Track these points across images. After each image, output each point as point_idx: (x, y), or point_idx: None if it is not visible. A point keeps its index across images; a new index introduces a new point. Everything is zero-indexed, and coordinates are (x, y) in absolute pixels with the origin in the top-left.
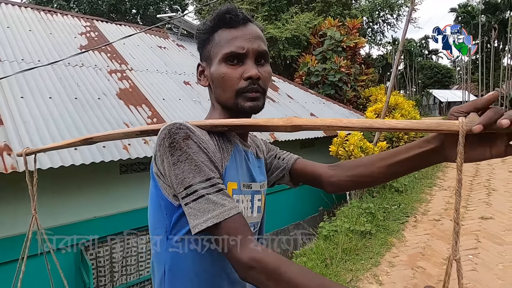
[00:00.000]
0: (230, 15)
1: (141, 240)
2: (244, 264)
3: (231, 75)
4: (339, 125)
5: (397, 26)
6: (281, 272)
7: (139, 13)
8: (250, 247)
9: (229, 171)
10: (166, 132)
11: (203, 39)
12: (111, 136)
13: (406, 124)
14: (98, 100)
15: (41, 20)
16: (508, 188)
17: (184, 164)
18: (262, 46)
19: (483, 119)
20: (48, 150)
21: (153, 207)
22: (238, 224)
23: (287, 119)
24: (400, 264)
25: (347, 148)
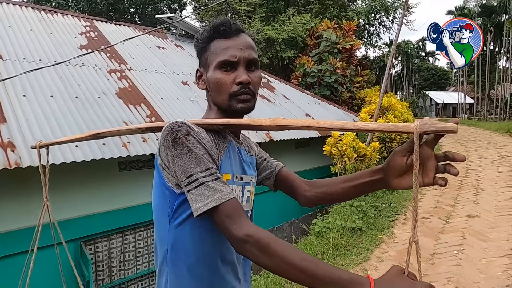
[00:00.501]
0: (224, 27)
1: (139, 236)
2: (240, 239)
3: (225, 80)
4: (316, 125)
5: (393, 29)
6: (271, 246)
7: (137, 12)
8: (244, 225)
9: (224, 164)
10: (169, 129)
11: (201, 48)
12: (120, 132)
13: (372, 126)
14: (98, 99)
15: (42, 20)
16: (495, 188)
17: (186, 157)
18: (252, 55)
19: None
20: (60, 143)
21: (158, 195)
22: (234, 207)
23: (273, 120)
24: (389, 259)
25: (340, 148)
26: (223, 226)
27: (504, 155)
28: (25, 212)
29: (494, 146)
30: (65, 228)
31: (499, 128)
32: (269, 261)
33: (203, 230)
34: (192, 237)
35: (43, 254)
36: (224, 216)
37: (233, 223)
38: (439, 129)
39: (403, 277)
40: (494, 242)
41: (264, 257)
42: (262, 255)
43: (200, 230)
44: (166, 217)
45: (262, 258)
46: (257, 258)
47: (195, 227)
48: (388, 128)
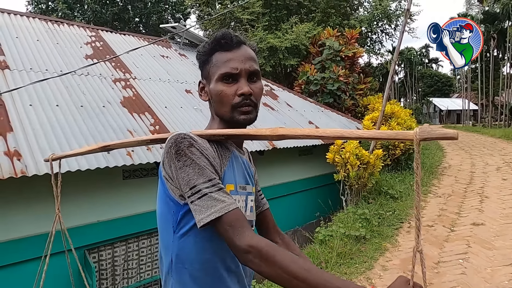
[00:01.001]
0: (225, 40)
1: (142, 244)
2: (242, 250)
3: (227, 92)
4: (315, 134)
5: (395, 36)
6: (273, 256)
7: (142, 22)
8: (247, 235)
9: (227, 174)
10: (173, 141)
11: (203, 60)
12: (126, 144)
13: (371, 134)
14: (103, 108)
15: (48, 30)
16: (500, 196)
17: (189, 168)
18: (253, 66)
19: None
20: (71, 156)
21: (162, 205)
22: (237, 217)
23: (273, 130)
24: (393, 268)
25: (343, 155)
26: (226, 236)
27: (509, 162)
28: (33, 219)
29: (499, 153)
30: (69, 236)
31: (504, 134)
32: (271, 271)
33: (206, 240)
34: (196, 247)
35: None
36: (227, 226)
37: (236, 234)
38: (439, 135)
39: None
40: (499, 250)
41: (266, 267)
42: (264, 265)
43: (204, 240)
44: (171, 228)
45: (263, 268)
46: (259, 268)
47: (199, 237)
48: (387, 136)
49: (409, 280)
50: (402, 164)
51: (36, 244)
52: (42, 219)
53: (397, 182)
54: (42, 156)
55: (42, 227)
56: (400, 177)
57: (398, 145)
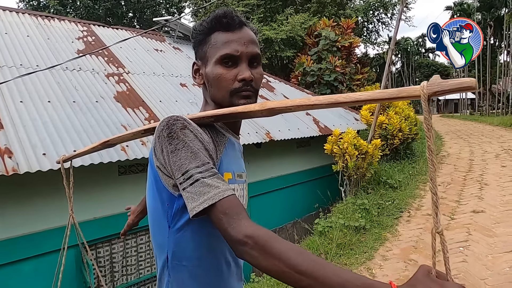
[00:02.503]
0: (227, 19)
1: (141, 240)
2: (238, 241)
3: (226, 76)
4: (307, 103)
5: (392, 25)
6: (272, 246)
7: (136, 17)
8: (243, 225)
9: (224, 162)
10: (164, 123)
11: (199, 39)
12: (124, 137)
13: (369, 95)
14: (96, 103)
15: (39, 26)
16: (500, 182)
17: (181, 152)
18: (255, 50)
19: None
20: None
21: (154, 199)
22: (232, 204)
23: (262, 104)
24: (393, 257)
25: (341, 146)
26: (220, 225)
27: (507, 149)
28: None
29: (497, 141)
30: (63, 234)
31: (502, 122)
32: (270, 264)
33: (205, 234)
34: (194, 242)
35: (51, 258)
36: (221, 215)
37: (230, 223)
38: (452, 87)
39: (430, 278)
40: (500, 237)
41: (264, 260)
42: (262, 258)
43: (202, 234)
44: (165, 222)
45: (262, 261)
46: (256, 261)
47: (196, 231)
48: (389, 95)
49: (431, 269)
50: (400, 153)
51: (31, 242)
52: (40, 216)
53: (396, 171)
54: (34, 153)
55: (38, 226)
56: (399, 167)
57: (397, 134)
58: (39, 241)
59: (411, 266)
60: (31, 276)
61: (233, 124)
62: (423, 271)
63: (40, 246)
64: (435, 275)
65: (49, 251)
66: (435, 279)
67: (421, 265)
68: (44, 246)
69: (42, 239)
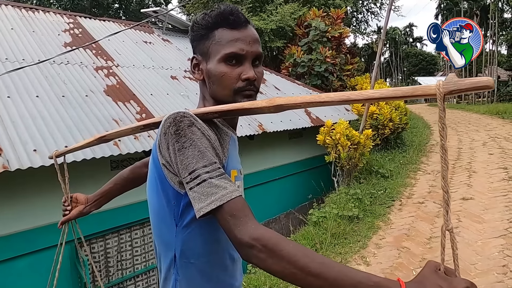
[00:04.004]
0: (233, 17)
1: (135, 235)
2: (245, 244)
3: (230, 74)
4: (317, 100)
5: (381, 15)
6: (281, 249)
7: (122, 8)
8: (250, 227)
9: (230, 160)
10: (171, 120)
11: (201, 34)
12: (122, 132)
13: (382, 93)
14: (86, 98)
15: (23, 18)
16: (487, 170)
17: (188, 150)
18: (259, 49)
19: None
20: (73, 151)
21: (158, 197)
22: (240, 206)
23: (270, 100)
24: (386, 245)
25: (333, 136)
26: (227, 227)
27: (494, 137)
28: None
29: (484, 129)
30: (59, 230)
31: (488, 110)
32: (279, 267)
33: (212, 230)
34: (202, 239)
35: (46, 255)
36: (229, 217)
37: (237, 225)
38: (468, 86)
39: (438, 274)
40: (488, 223)
41: (273, 263)
42: (271, 261)
43: (210, 230)
44: (171, 221)
45: (270, 264)
46: (264, 263)
47: (204, 227)
48: (403, 93)
49: (439, 265)
50: (391, 143)
51: (25, 239)
52: (33, 213)
53: (387, 161)
54: (24, 149)
55: (31, 223)
56: (390, 156)
57: (387, 124)
58: (33, 238)
59: (404, 253)
60: (26, 273)
61: (232, 120)
62: (431, 267)
63: (34, 243)
64: (443, 271)
65: (43, 247)
66: (442, 276)
67: (428, 261)
68: (38, 242)
69: (36, 236)
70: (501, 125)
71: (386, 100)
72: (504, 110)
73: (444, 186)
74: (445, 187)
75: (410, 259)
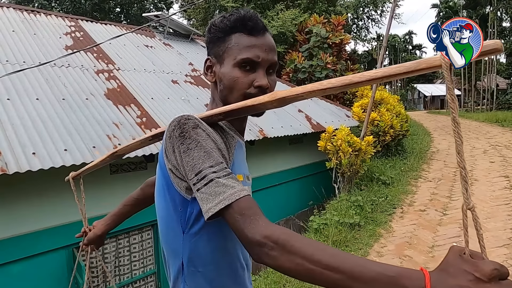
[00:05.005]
0: (252, 23)
1: (134, 240)
2: (256, 242)
3: (243, 80)
4: (319, 88)
5: (381, 22)
6: (293, 245)
7: (123, 12)
8: (261, 225)
9: (236, 164)
10: (176, 123)
11: (217, 36)
12: (132, 146)
13: (385, 71)
14: (86, 101)
15: (25, 21)
16: (489, 178)
17: (193, 151)
18: (274, 58)
19: None
20: (89, 171)
21: (165, 204)
22: (249, 205)
23: (271, 94)
24: (388, 253)
25: (335, 143)
26: (235, 227)
27: (495, 145)
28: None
29: (484, 137)
30: (56, 235)
31: (487, 118)
32: (294, 264)
33: (221, 236)
34: (210, 246)
35: (39, 261)
36: (238, 216)
37: (247, 224)
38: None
39: (463, 259)
40: (491, 232)
41: (287, 260)
42: (284, 258)
43: (218, 237)
44: (179, 227)
45: (284, 262)
46: (277, 262)
47: (212, 234)
48: (406, 69)
49: (464, 248)
50: (392, 150)
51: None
52: (29, 218)
53: (388, 168)
54: (23, 152)
55: (26, 227)
56: (390, 163)
57: (388, 131)
58: (27, 243)
59: (406, 262)
60: (19, 278)
61: (240, 124)
62: (454, 253)
63: (28, 249)
64: (469, 254)
65: (37, 253)
66: (468, 259)
67: (451, 246)
68: (32, 248)
69: (30, 241)
70: (501, 133)
71: (389, 78)
72: (503, 118)
73: (460, 161)
74: (461, 162)
75: (412, 268)
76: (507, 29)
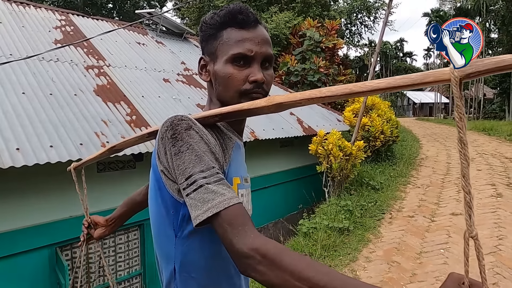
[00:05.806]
0: (242, 16)
1: (119, 240)
2: (243, 255)
3: (237, 76)
4: (318, 95)
5: (374, 28)
6: (282, 260)
7: (116, 8)
8: (249, 237)
9: (233, 166)
10: (168, 124)
11: (209, 34)
12: (130, 142)
13: (389, 83)
14: (75, 97)
15: (13, 12)
16: (476, 186)
17: (185, 155)
18: (269, 50)
19: None
20: (90, 163)
21: (157, 206)
22: (238, 213)
23: (268, 99)
24: (377, 259)
25: (326, 147)
26: (224, 237)
27: (481, 153)
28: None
29: (471, 145)
30: (39, 233)
31: (474, 127)
32: (280, 279)
33: (215, 240)
34: (203, 252)
35: (19, 260)
36: (226, 225)
37: (235, 234)
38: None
39: None
40: None
41: (274, 276)
42: (271, 273)
43: (212, 241)
44: (171, 231)
45: (271, 277)
46: (264, 277)
47: (206, 237)
48: (412, 81)
49: (463, 277)
50: (382, 155)
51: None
52: (10, 215)
53: (377, 173)
54: (6, 147)
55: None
56: (380, 168)
57: (379, 136)
58: (6, 241)
59: (394, 268)
60: (3, 277)
61: (238, 126)
62: (453, 281)
63: (8, 247)
64: (468, 284)
65: (17, 252)
66: None
67: (450, 273)
68: (12, 247)
69: (9, 239)
70: (487, 142)
71: (393, 90)
72: (490, 127)
73: (465, 186)
74: (466, 187)
75: (400, 274)
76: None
